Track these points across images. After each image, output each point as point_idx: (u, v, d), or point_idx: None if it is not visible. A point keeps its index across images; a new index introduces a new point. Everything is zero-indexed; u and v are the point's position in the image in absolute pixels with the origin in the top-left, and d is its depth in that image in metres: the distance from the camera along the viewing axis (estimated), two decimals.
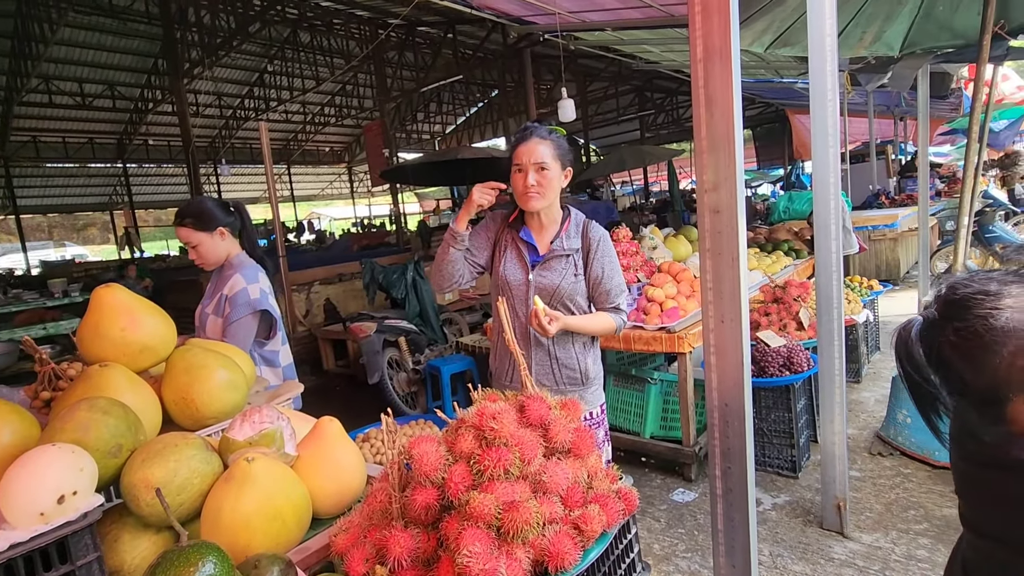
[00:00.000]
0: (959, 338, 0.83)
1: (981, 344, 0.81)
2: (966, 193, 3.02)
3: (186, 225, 2.02)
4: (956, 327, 0.83)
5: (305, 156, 24.11)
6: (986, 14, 2.89)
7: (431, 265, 2.09)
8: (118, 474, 1.10)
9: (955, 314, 0.84)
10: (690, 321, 3.10)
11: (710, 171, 1.34)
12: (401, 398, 4.54)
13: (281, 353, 2.23)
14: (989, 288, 0.82)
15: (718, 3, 1.24)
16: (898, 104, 10.07)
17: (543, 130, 1.77)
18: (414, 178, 10.48)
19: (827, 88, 2.21)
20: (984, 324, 0.80)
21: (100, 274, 10.42)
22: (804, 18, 4.09)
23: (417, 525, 1.01)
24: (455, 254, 1.80)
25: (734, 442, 1.39)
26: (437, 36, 12.30)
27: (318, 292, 6.62)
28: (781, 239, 5.27)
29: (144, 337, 1.37)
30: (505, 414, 1.05)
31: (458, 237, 1.78)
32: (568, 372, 1.83)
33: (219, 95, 16.49)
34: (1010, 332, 0.79)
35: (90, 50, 13.34)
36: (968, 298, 0.83)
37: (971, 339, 0.82)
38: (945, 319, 0.85)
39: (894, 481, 2.90)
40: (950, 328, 0.84)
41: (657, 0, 4.86)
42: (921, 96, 4.50)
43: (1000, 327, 0.79)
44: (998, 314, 0.80)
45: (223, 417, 1.40)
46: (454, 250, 1.79)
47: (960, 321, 0.83)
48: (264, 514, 1.06)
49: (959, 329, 0.83)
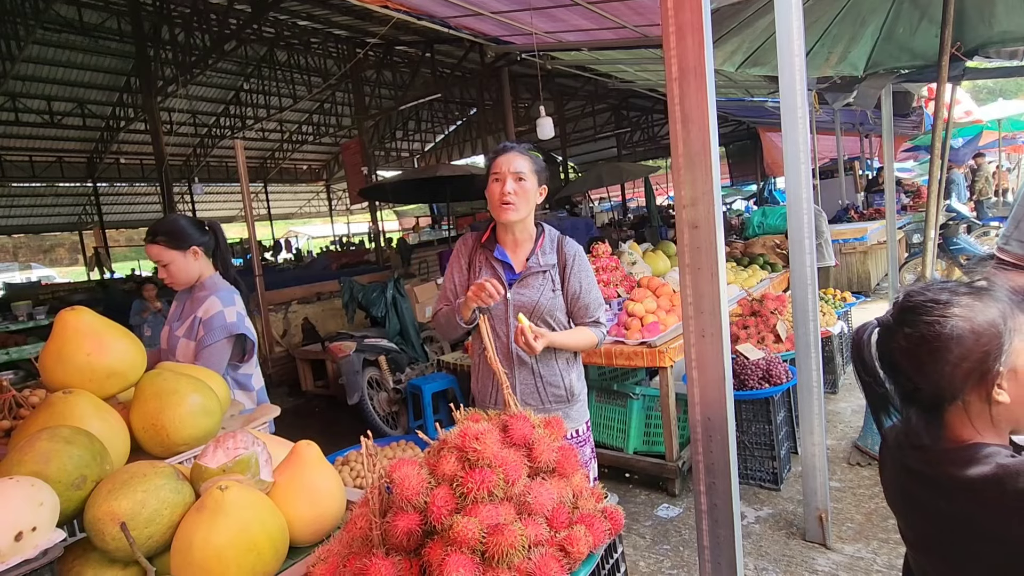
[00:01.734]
0: (909, 343, 0.87)
1: (928, 349, 0.85)
2: (931, 207, 3.12)
3: (158, 243, 1.96)
4: (907, 332, 0.87)
5: (282, 174, 23.88)
6: (944, 36, 3.02)
7: (411, 283, 2.08)
8: (82, 507, 1.05)
9: (907, 320, 0.88)
10: (670, 335, 3.12)
11: (687, 187, 1.35)
12: (382, 418, 4.46)
13: (254, 376, 2.17)
14: (940, 297, 0.87)
15: (692, 23, 1.27)
16: (863, 122, 10.45)
17: (521, 147, 1.78)
18: (393, 196, 10.47)
19: (797, 106, 2.27)
20: (931, 330, 0.85)
21: (67, 296, 10.08)
22: (773, 39, 4.23)
23: (399, 552, 0.97)
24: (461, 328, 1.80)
25: (718, 456, 1.39)
26: (415, 55, 12.39)
27: (296, 311, 6.51)
28: (757, 253, 5.37)
29: (112, 362, 1.32)
30: (488, 434, 1.03)
31: (464, 323, 1.77)
32: (553, 390, 1.81)
33: (194, 113, 16.27)
34: (954, 339, 0.83)
35: (59, 67, 13.07)
36: (920, 305, 0.88)
37: (919, 344, 0.86)
38: (898, 324, 0.89)
39: (873, 491, 2.94)
40: (901, 333, 0.88)
41: (631, 21, 4.99)
42: (885, 114, 4.66)
43: (946, 334, 0.84)
44: (945, 322, 0.84)
45: (195, 444, 1.35)
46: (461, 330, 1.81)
47: (911, 327, 0.87)
48: (238, 545, 1.02)
49: (909, 334, 0.87)
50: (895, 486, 0.99)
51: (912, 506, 0.96)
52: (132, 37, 10.85)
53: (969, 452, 0.84)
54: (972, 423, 0.85)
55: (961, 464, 0.84)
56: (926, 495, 0.90)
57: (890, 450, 0.99)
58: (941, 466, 0.87)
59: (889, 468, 1.00)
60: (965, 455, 0.84)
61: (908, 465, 0.94)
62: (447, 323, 1.84)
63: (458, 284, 1.88)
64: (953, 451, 0.86)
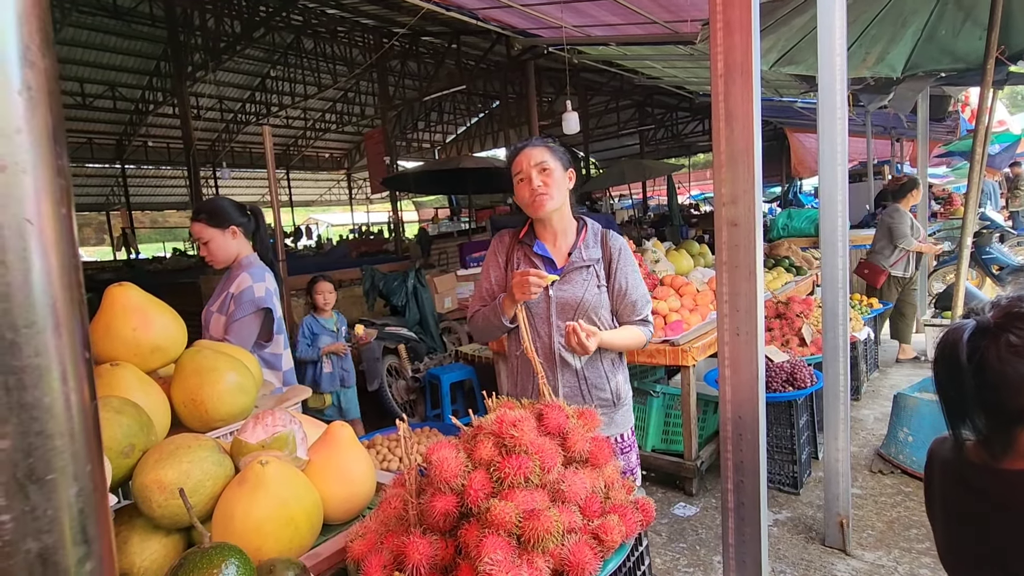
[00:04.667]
0: (1009, 351, 0.81)
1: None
2: (968, 214, 3.05)
3: (200, 220, 2.03)
4: (1011, 340, 0.82)
5: (304, 162, 24.13)
6: (990, 39, 2.94)
7: (431, 274, 2.07)
8: (129, 474, 1.08)
9: (1015, 327, 0.83)
10: (693, 334, 3.10)
11: (728, 184, 1.34)
12: (400, 406, 4.51)
13: (283, 357, 2.21)
14: None
15: (740, 20, 1.26)
16: (895, 125, 10.20)
17: (538, 140, 1.72)
18: (415, 186, 10.51)
19: (836, 106, 2.23)
20: None
21: (95, 274, 10.32)
22: (809, 37, 4.16)
23: (434, 532, 0.99)
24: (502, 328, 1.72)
25: (747, 455, 1.38)
26: (441, 46, 12.39)
27: None
28: (781, 255, 5.30)
29: (155, 337, 1.36)
30: (525, 422, 1.04)
31: (507, 322, 1.69)
32: (599, 393, 1.71)
33: (221, 99, 16.50)
34: None
35: (92, 50, 13.34)
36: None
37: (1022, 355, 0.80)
38: (1001, 329, 0.83)
39: (895, 499, 2.90)
40: (1004, 338, 0.82)
41: (660, 17, 4.93)
42: (921, 118, 4.56)
43: None
44: None
45: (231, 420, 1.39)
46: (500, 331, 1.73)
47: (1018, 335, 0.81)
48: (277, 519, 1.04)
49: (1013, 343, 0.81)
50: (942, 498, 0.95)
51: (962, 521, 0.92)
52: (164, 22, 11.03)
53: None
54: None
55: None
56: (984, 510, 0.87)
57: (943, 463, 0.96)
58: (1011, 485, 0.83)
59: (939, 482, 0.96)
60: None
61: (966, 479, 0.90)
62: (485, 324, 1.75)
63: (495, 283, 1.79)
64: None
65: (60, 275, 0.29)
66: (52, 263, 0.29)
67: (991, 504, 0.86)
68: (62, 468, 0.29)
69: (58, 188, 0.29)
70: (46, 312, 0.29)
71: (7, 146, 0.27)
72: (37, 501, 0.29)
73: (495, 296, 1.77)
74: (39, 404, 0.29)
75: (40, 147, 0.28)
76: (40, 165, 0.28)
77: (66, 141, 0.31)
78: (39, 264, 0.28)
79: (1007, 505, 0.84)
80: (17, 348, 0.28)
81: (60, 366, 0.30)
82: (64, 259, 0.29)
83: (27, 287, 0.28)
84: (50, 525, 0.29)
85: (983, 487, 0.87)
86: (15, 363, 0.28)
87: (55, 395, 0.29)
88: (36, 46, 0.28)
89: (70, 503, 0.30)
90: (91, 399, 0.32)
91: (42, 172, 0.28)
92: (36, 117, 0.28)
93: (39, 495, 0.29)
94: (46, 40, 0.29)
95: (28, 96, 0.27)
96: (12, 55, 0.27)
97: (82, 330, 0.31)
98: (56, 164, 0.29)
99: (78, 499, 0.30)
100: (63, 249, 0.29)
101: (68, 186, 0.30)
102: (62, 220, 0.29)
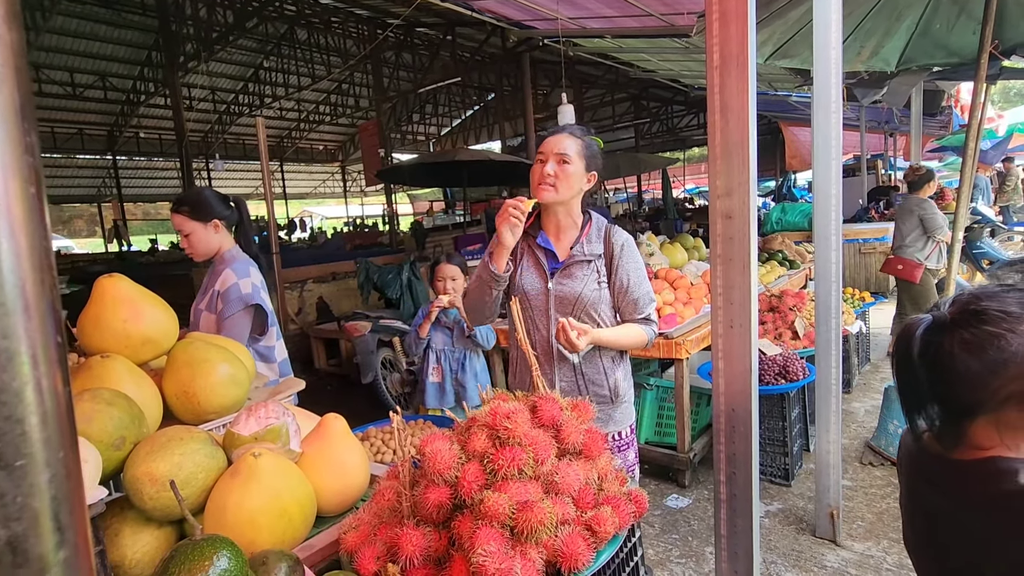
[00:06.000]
0: (962, 347, 0.83)
1: (983, 359, 0.81)
2: (960, 208, 3.07)
3: (182, 212, 2.00)
4: (964, 336, 0.83)
5: (298, 154, 23.96)
6: (984, 33, 2.95)
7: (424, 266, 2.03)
8: (120, 467, 1.08)
9: (968, 323, 0.84)
10: (687, 327, 3.11)
11: (723, 177, 1.34)
12: (394, 399, 4.51)
13: (276, 348, 2.20)
14: (1010, 309, 0.82)
15: (736, 11, 1.25)
16: (888, 120, 10.24)
17: (579, 129, 1.67)
18: (410, 179, 10.46)
19: (831, 100, 2.23)
20: (993, 342, 0.81)
21: (87, 266, 10.24)
22: (804, 31, 4.15)
23: (428, 524, 0.99)
24: (496, 294, 1.67)
25: (740, 447, 1.39)
26: (436, 38, 12.30)
27: (311, 290, 6.57)
28: (775, 249, 5.32)
29: (146, 329, 1.35)
30: (519, 414, 1.04)
31: (499, 279, 1.64)
32: (596, 389, 1.70)
33: (213, 89, 16.32)
34: (1017, 357, 0.79)
35: (82, 39, 13.15)
36: (987, 312, 0.83)
37: (974, 351, 0.82)
38: (955, 324, 0.85)
39: (885, 491, 2.93)
40: (958, 335, 0.84)
41: (656, 10, 4.91)
42: (914, 113, 4.58)
43: (1010, 350, 0.80)
44: (1012, 338, 0.80)
45: (224, 412, 1.38)
46: (495, 291, 1.67)
47: (971, 332, 0.83)
48: (270, 511, 1.04)
49: (966, 339, 0.83)
50: (906, 487, 0.98)
51: (918, 508, 0.95)
52: (155, 11, 10.87)
53: (996, 465, 0.81)
54: (1002, 437, 0.82)
55: (988, 476, 0.81)
56: (937, 501, 0.89)
57: (907, 453, 0.98)
58: (963, 475, 0.85)
59: (904, 470, 0.99)
60: (992, 468, 0.81)
61: (923, 469, 0.93)
62: (476, 287, 1.68)
63: None
64: (979, 463, 0.83)
65: (29, 256, 0.28)
66: (21, 243, 0.28)
67: (943, 494, 0.88)
68: (32, 454, 0.29)
69: (26, 166, 0.28)
70: (15, 294, 0.28)
71: None
72: (5, 487, 0.28)
73: None
74: (7, 388, 0.28)
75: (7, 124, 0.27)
76: (6, 142, 0.27)
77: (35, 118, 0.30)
78: (6, 244, 0.27)
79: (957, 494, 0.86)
80: None
81: (30, 349, 0.29)
82: (33, 240, 0.29)
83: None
84: (19, 512, 0.28)
85: (937, 477, 0.89)
86: None
87: (24, 379, 0.29)
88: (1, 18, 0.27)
89: (41, 490, 0.29)
90: (64, 384, 0.31)
91: (8, 149, 0.27)
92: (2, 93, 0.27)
93: (7, 481, 0.28)
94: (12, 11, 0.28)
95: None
96: None
97: (54, 313, 0.31)
98: (24, 141, 0.28)
99: (50, 486, 0.30)
100: (32, 229, 0.29)
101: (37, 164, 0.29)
102: (30, 199, 0.28)
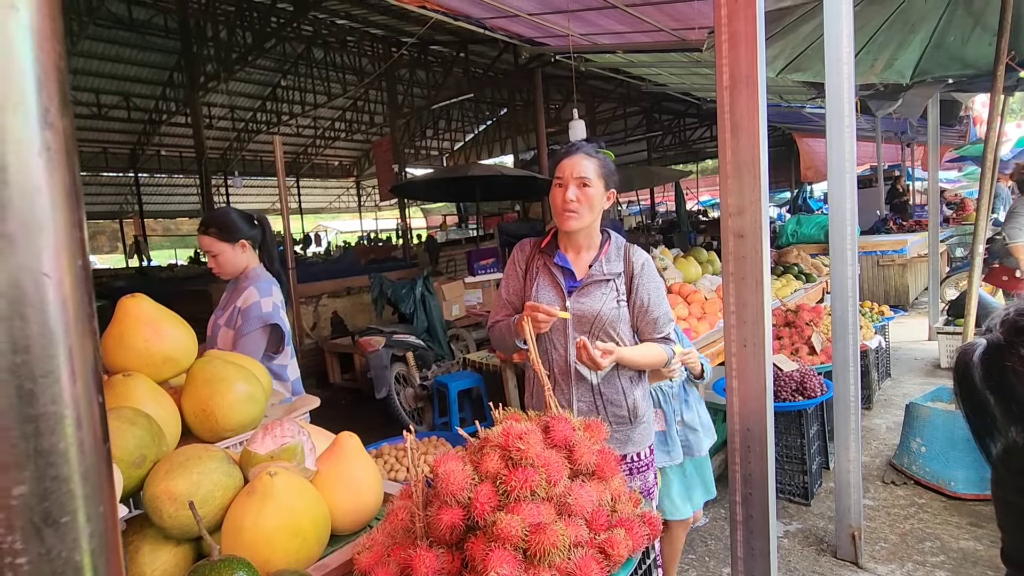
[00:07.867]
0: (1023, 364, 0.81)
1: None
2: (980, 220, 3.02)
3: (210, 234, 2.04)
4: (1022, 353, 0.82)
5: (314, 169, 24.36)
6: (1000, 45, 2.92)
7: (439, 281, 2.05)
8: (140, 485, 1.10)
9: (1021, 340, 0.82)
10: (701, 343, 3.09)
11: (735, 195, 1.34)
12: (408, 414, 4.52)
13: (290, 367, 2.23)
14: None
15: (745, 33, 1.26)
16: (904, 131, 10.14)
17: (591, 147, 1.66)
18: (423, 193, 10.57)
19: (844, 113, 2.22)
20: None
21: (109, 281, 10.46)
22: (816, 45, 4.15)
23: (441, 544, 1.00)
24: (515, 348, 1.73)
25: (756, 467, 1.38)
26: (449, 55, 12.49)
27: (326, 305, 6.64)
28: (791, 262, 5.26)
29: (167, 348, 1.38)
30: (531, 434, 1.05)
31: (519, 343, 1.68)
32: (614, 409, 1.68)
33: (232, 108, 16.72)
34: None
35: (108, 62, 13.60)
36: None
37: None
38: (1010, 344, 0.84)
39: (908, 511, 2.86)
40: (1016, 354, 0.82)
41: (667, 25, 4.95)
42: (931, 124, 4.53)
43: None
44: None
45: (241, 430, 1.40)
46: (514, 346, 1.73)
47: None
48: (286, 529, 1.05)
49: None
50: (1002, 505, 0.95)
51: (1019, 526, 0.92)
52: (177, 33, 11.22)
53: None
54: None
55: None
56: None
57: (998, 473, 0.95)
58: None
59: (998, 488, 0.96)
60: None
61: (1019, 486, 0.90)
62: (501, 340, 1.75)
63: (514, 292, 1.78)
64: None
65: (76, 325, 0.30)
66: (69, 314, 0.30)
67: None
68: (76, 511, 0.30)
69: (74, 241, 0.30)
70: (62, 361, 0.30)
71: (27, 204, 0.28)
72: (52, 543, 0.29)
73: (513, 305, 1.77)
74: (55, 450, 0.29)
75: (58, 204, 0.29)
76: (58, 221, 0.29)
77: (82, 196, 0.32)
78: (57, 316, 0.29)
79: None
80: (34, 397, 0.29)
81: (75, 412, 0.30)
82: (80, 309, 0.30)
83: (45, 338, 0.29)
84: (63, 567, 0.30)
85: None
86: (32, 411, 0.29)
87: (69, 440, 0.30)
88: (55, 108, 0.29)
89: (83, 544, 0.30)
90: (104, 441, 0.33)
91: (60, 228, 0.29)
92: (54, 176, 0.29)
93: (54, 537, 0.29)
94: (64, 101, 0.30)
95: (47, 157, 0.29)
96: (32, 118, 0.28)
97: (96, 376, 0.33)
98: (73, 219, 0.30)
99: (91, 540, 0.31)
100: (79, 299, 0.30)
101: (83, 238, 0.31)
102: (78, 272, 0.30)
